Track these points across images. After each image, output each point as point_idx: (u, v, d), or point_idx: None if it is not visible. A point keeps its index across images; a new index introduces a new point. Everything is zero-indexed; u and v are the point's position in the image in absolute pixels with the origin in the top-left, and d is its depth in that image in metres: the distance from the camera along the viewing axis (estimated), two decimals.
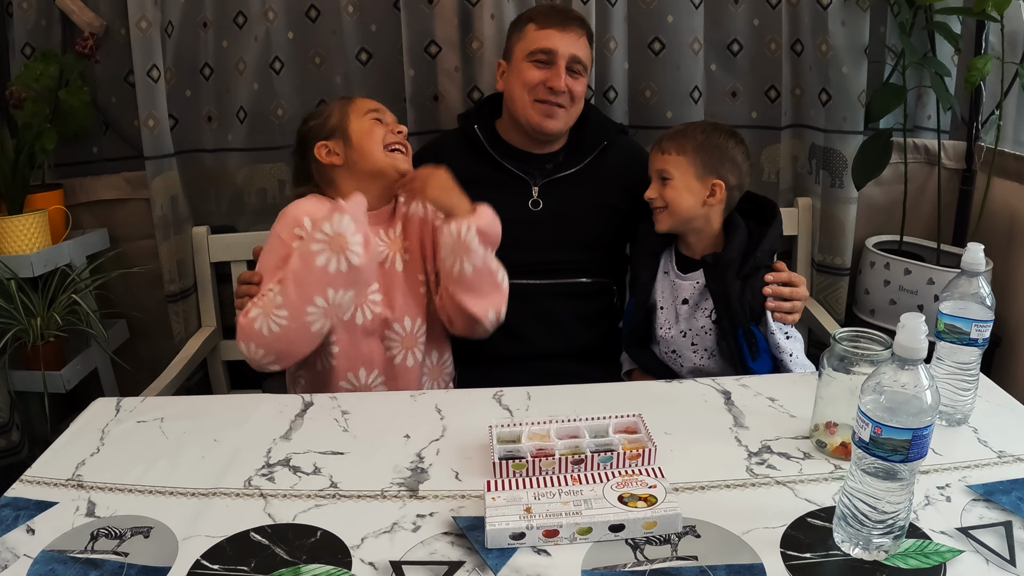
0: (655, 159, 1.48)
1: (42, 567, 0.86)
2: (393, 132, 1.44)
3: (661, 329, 1.50)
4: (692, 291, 1.47)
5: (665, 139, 1.47)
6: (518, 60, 1.59)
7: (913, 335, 0.79)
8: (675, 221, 1.46)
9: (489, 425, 1.07)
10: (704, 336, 1.47)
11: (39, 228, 1.76)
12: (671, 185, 1.44)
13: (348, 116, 1.44)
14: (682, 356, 1.50)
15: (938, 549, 0.85)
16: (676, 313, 1.49)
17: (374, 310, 1.42)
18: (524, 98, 1.58)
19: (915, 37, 1.75)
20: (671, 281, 1.51)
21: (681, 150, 1.44)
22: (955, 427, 1.11)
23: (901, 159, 1.87)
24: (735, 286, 1.41)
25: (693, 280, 1.47)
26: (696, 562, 0.84)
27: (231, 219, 1.98)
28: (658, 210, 1.47)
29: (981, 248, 1.06)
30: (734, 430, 1.12)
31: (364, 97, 1.49)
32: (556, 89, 1.55)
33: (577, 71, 1.57)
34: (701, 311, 1.46)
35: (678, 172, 1.44)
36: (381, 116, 1.45)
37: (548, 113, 1.57)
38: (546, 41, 1.55)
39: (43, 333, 1.77)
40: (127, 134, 1.92)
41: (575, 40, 1.57)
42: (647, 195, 1.47)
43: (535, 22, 1.58)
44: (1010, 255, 1.81)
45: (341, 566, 0.85)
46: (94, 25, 1.81)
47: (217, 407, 1.26)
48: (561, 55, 1.55)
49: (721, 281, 1.42)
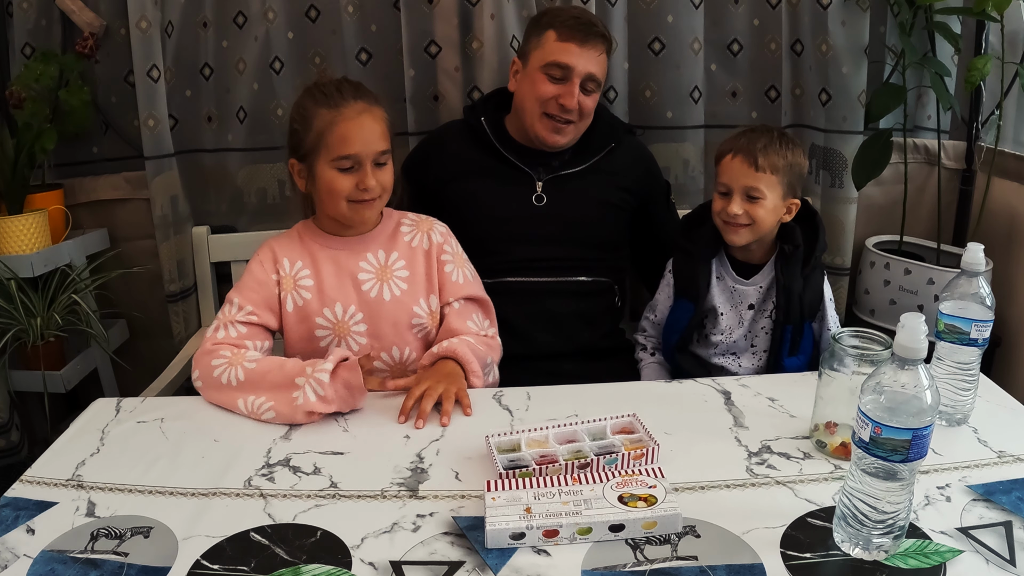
0: (745, 174, 1.39)
1: (42, 567, 0.86)
2: (360, 188, 1.32)
3: (722, 334, 1.49)
4: (757, 296, 1.46)
5: (758, 154, 1.38)
6: (533, 68, 1.57)
7: (913, 335, 0.79)
8: (755, 237, 1.43)
9: (486, 436, 1.06)
10: (763, 336, 1.48)
11: (39, 228, 1.76)
12: (762, 204, 1.39)
13: (319, 153, 1.31)
14: (740, 357, 1.50)
15: (938, 549, 0.85)
16: (740, 318, 1.48)
17: (359, 341, 1.38)
18: (534, 110, 1.57)
19: (915, 37, 1.75)
20: (729, 287, 1.48)
21: (775, 169, 1.38)
22: (955, 427, 1.11)
23: (901, 159, 1.87)
24: (799, 283, 1.43)
25: (757, 285, 1.46)
26: (696, 562, 0.84)
27: (231, 219, 1.98)
28: (740, 226, 1.41)
29: (981, 248, 1.06)
30: (734, 430, 1.12)
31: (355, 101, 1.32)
32: (567, 107, 1.54)
33: (590, 89, 1.55)
34: (762, 312, 1.47)
35: (770, 192, 1.39)
36: (357, 159, 1.31)
37: (556, 129, 1.57)
38: (564, 56, 1.52)
39: (43, 333, 1.77)
40: (127, 134, 1.92)
41: (594, 57, 1.54)
42: (732, 210, 1.39)
43: (556, 31, 1.54)
44: (1010, 255, 1.81)
45: (341, 566, 0.85)
46: (94, 25, 1.81)
47: (217, 407, 1.26)
48: (577, 73, 1.53)
49: (790, 276, 1.43)
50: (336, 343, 1.38)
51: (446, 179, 1.64)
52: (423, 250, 1.43)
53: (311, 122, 1.32)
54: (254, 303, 1.35)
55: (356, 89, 1.35)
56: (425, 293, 1.42)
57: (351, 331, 1.38)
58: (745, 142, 1.41)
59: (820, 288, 1.47)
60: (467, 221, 1.56)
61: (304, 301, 1.37)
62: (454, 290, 1.43)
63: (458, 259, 1.46)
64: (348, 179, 1.32)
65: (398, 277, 1.40)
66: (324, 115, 1.31)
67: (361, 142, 1.31)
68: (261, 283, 1.37)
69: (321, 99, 1.32)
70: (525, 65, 1.59)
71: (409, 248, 1.43)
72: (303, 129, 1.33)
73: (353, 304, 1.37)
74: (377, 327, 1.38)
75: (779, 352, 1.45)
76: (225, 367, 1.26)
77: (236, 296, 1.36)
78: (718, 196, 1.44)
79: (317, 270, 1.38)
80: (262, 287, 1.37)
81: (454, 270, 1.44)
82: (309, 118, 1.33)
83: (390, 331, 1.39)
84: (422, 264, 1.42)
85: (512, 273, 1.59)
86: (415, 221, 1.47)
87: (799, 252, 1.44)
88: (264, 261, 1.39)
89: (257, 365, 1.25)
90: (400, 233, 1.44)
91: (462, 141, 1.65)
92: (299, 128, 1.34)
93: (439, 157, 1.66)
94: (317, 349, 1.38)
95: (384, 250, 1.41)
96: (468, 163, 1.63)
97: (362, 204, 1.34)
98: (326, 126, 1.31)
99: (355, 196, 1.33)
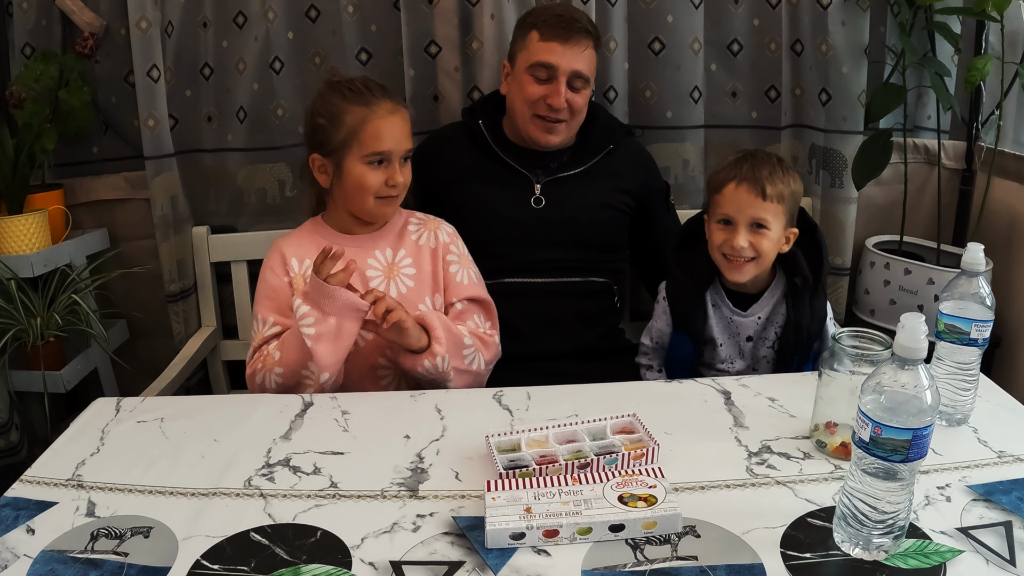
0: (752, 204, 1.32)
1: (42, 567, 0.86)
2: (389, 184, 1.36)
3: (723, 363, 1.44)
4: (755, 327, 1.41)
5: (765, 182, 1.31)
6: (520, 70, 1.57)
7: (913, 335, 0.79)
8: (759, 272, 1.36)
9: (486, 436, 1.06)
10: (765, 364, 1.43)
11: (39, 228, 1.76)
12: (767, 236, 1.33)
13: (350, 148, 1.35)
14: None
15: (938, 549, 0.85)
16: (739, 349, 1.43)
17: (366, 337, 1.38)
18: (525, 112, 1.57)
19: (915, 37, 1.75)
20: (726, 317, 1.42)
21: (780, 198, 1.32)
22: (955, 427, 1.11)
23: (901, 159, 1.87)
24: (807, 314, 1.38)
25: (754, 316, 1.41)
26: (696, 562, 0.84)
27: (231, 219, 1.98)
28: (745, 261, 1.34)
29: (981, 248, 1.06)
30: (734, 430, 1.12)
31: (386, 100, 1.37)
32: (555, 107, 1.53)
33: (578, 87, 1.55)
34: (763, 342, 1.42)
35: (775, 222, 1.33)
36: (387, 157, 1.36)
37: (548, 129, 1.57)
38: (548, 55, 1.52)
39: (43, 333, 1.76)
40: (127, 134, 1.92)
41: (579, 54, 1.53)
42: (738, 243, 1.32)
43: (539, 31, 1.54)
44: (1010, 255, 1.81)
45: (341, 566, 0.85)
46: (94, 25, 1.81)
47: (217, 407, 1.26)
48: (562, 71, 1.52)
49: (800, 310, 1.37)
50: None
51: (445, 181, 1.64)
52: (430, 248, 1.45)
53: (342, 118, 1.35)
54: (275, 311, 1.38)
55: (383, 89, 1.39)
56: (430, 292, 1.43)
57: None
58: (749, 169, 1.33)
59: (823, 311, 1.42)
60: (466, 223, 1.56)
61: None
62: (458, 290, 1.43)
63: (464, 260, 1.46)
64: (378, 175, 1.36)
65: (405, 275, 1.42)
66: (357, 112, 1.35)
67: (393, 139, 1.36)
68: (275, 288, 1.39)
69: (352, 96, 1.36)
70: (513, 67, 1.60)
71: (416, 246, 1.44)
72: (331, 125, 1.36)
73: None
74: None
75: None
76: (264, 374, 1.34)
77: (259, 310, 1.40)
78: (718, 227, 1.36)
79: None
80: (277, 293, 1.39)
81: (459, 270, 1.44)
82: (339, 114, 1.35)
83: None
84: (428, 263, 1.44)
85: (511, 274, 1.59)
86: (422, 220, 1.48)
87: (805, 284, 1.38)
88: (274, 266, 1.41)
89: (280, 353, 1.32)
90: (407, 231, 1.45)
91: (461, 143, 1.65)
92: (326, 124, 1.36)
93: (438, 159, 1.67)
94: None
95: (392, 248, 1.43)
96: (467, 165, 1.64)
97: (388, 200, 1.39)
98: (359, 123, 1.34)
99: (383, 192, 1.37)
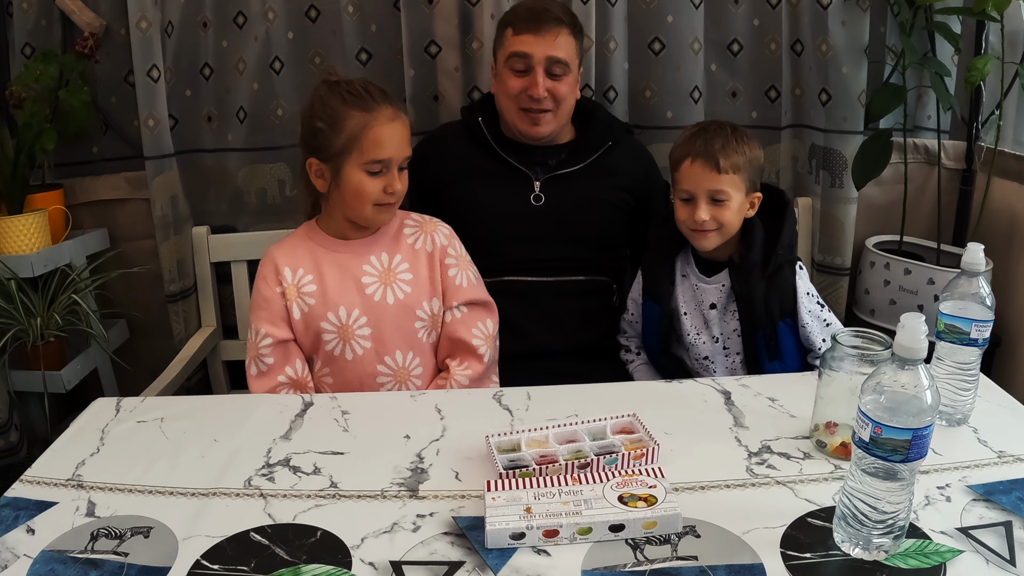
0: (708, 178, 1.34)
1: (42, 567, 0.86)
2: (388, 192, 1.34)
3: (689, 335, 1.44)
4: (719, 295, 1.41)
5: (719, 155, 1.33)
6: (500, 66, 1.58)
7: (913, 335, 0.79)
8: (724, 240, 1.38)
9: (486, 436, 1.06)
10: (736, 339, 1.42)
11: (39, 228, 1.76)
12: (727, 207, 1.34)
13: (350, 154, 1.32)
14: (715, 362, 1.45)
15: (938, 549, 0.85)
16: (704, 319, 1.43)
17: (364, 344, 1.38)
18: (510, 107, 1.58)
19: (915, 37, 1.75)
20: (692, 285, 1.44)
21: (736, 169, 1.33)
22: (955, 427, 1.11)
23: (901, 159, 1.87)
24: (760, 287, 1.38)
25: (718, 283, 1.41)
26: (696, 562, 0.84)
27: (231, 219, 1.98)
28: (708, 232, 1.36)
29: (981, 248, 1.06)
30: (734, 430, 1.12)
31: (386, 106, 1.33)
32: (535, 96, 1.53)
33: (557, 73, 1.54)
34: (730, 313, 1.41)
35: (735, 192, 1.34)
36: (387, 164, 1.33)
37: (534, 121, 1.57)
38: (521, 46, 1.53)
39: (43, 333, 1.77)
40: (127, 134, 1.92)
41: (551, 42, 1.53)
42: (699, 217, 1.34)
43: (512, 26, 1.55)
44: (1010, 255, 1.81)
45: (341, 566, 0.85)
46: (94, 25, 1.81)
47: (217, 407, 1.26)
48: (537, 60, 1.52)
49: (746, 283, 1.38)
50: (341, 346, 1.38)
51: (445, 180, 1.64)
52: (426, 252, 1.43)
53: (341, 123, 1.31)
54: (267, 322, 1.38)
55: (384, 93, 1.36)
56: (428, 296, 1.42)
57: (355, 335, 1.37)
58: (702, 144, 1.34)
59: (790, 286, 1.40)
60: (466, 221, 1.56)
61: (309, 307, 1.37)
62: (457, 294, 1.43)
63: (462, 262, 1.45)
64: (377, 182, 1.33)
65: (401, 280, 1.40)
66: (357, 117, 1.31)
67: (394, 147, 1.33)
68: (268, 299, 1.39)
69: (352, 101, 1.32)
70: (495, 65, 1.61)
71: (412, 250, 1.42)
72: (330, 129, 1.32)
73: (357, 308, 1.37)
74: (380, 330, 1.38)
75: (757, 357, 1.40)
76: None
77: (253, 321, 1.39)
78: (680, 203, 1.38)
79: (320, 275, 1.38)
80: (269, 303, 1.38)
81: (458, 273, 1.43)
82: (338, 119, 1.31)
83: (394, 334, 1.39)
84: (425, 267, 1.42)
85: (511, 272, 1.59)
86: (418, 222, 1.46)
87: (752, 256, 1.38)
88: (267, 276, 1.40)
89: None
90: (403, 235, 1.43)
91: (460, 142, 1.66)
92: (325, 128, 1.32)
93: (438, 158, 1.67)
94: (325, 352, 1.39)
95: (387, 252, 1.41)
96: (466, 164, 1.64)
97: (385, 207, 1.36)
98: (359, 129, 1.31)
99: (382, 200, 1.34)
